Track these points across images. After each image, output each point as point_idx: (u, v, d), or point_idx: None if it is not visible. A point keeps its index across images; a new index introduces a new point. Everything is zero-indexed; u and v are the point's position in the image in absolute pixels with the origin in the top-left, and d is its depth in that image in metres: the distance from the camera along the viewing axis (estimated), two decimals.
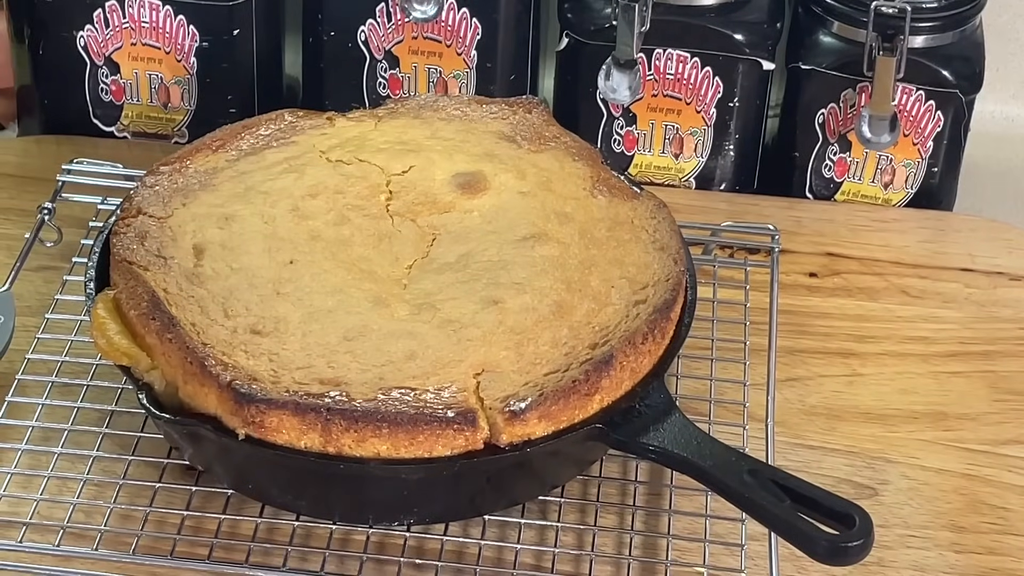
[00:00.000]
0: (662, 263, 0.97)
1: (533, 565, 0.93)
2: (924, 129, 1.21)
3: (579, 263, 0.96)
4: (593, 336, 0.92)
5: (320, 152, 1.04)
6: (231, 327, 0.92)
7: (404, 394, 0.88)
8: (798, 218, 1.22)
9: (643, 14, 1.16)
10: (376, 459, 0.87)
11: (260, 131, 1.07)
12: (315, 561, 0.92)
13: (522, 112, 1.08)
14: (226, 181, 1.02)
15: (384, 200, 1.01)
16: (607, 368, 0.90)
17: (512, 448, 0.88)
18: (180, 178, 1.02)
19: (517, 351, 0.91)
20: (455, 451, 0.87)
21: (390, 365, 0.89)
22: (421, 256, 0.97)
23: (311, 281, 0.95)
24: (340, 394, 0.88)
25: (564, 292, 0.94)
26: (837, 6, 1.19)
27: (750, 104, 1.23)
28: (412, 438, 0.87)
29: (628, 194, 1.02)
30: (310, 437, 0.87)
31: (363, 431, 0.87)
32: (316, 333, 0.91)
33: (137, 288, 0.94)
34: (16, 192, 1.21)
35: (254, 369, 0.89)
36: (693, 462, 0.88)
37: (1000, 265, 1.19)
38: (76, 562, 0.92)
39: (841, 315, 1.14)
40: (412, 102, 1.09)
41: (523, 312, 0.93)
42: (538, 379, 0.89)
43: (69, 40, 1.24)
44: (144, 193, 1.01)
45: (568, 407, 0.89)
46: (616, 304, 0.94)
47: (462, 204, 1.00)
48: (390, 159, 1.03)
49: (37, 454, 0.98)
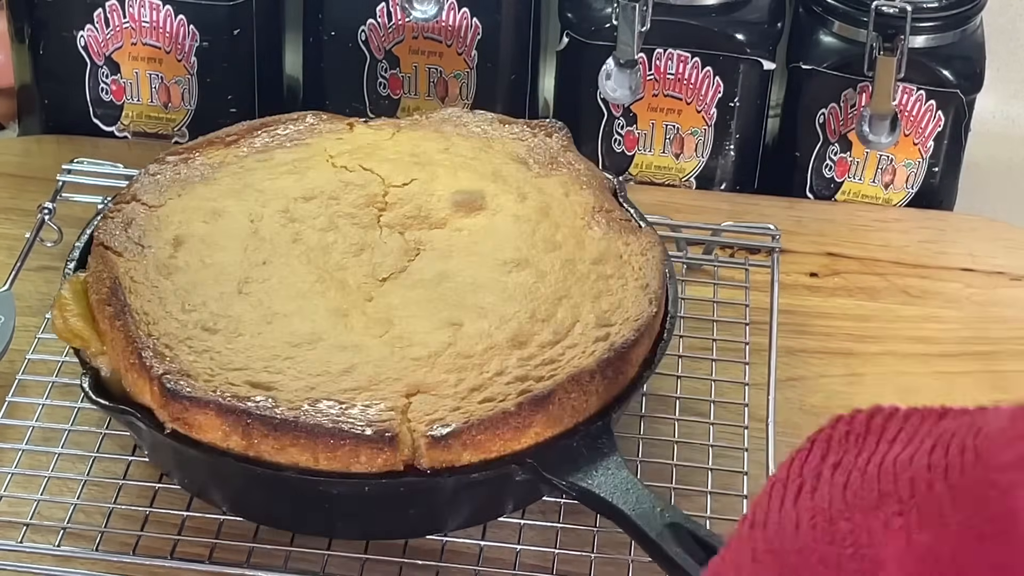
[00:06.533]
0: (637, 303, 0.94)
1: (534, 566, 0.93)
2: (925, 129, 1.21)
3: (551, 293, 0.94)
4: (541, 369, 0.90)
5: (329, 156, 1.03)
6: (183, 321, 0.91)
7: (331, 407, 0.87)
8: (798, 218, 1.22)
9: (643, 14, 1.16)
10: (293, 468, 0.86)
11: (277, 130, 1.06)
12: (316, 562, 0.92)
13: (542, 135, 1.06)
14: (227, 176, 1.02)
15: (377, 210, 0.99)
16: (544, 403, 0.88)
17: (431, 473, 0.86)
18: (184, 169, 1.02)
19: (459, 375, 0.89)
20: (374, 469, 0.86)
21: (326, 376, 0.88)
22: (399, 270, 0.96)
23: (278, 284, 0.94)
24: (266, 400, 0.87)
25: (526, 321, 0.92)
26: (838, 6, 1.19)
27: (751, 104, 1.23)
28: (331, 451, 0.86)
29: (628, 228, 1.00)
30: (233, 439, 0.87)
31: (282, 439, 0.86)
32: (264, 336, 0.91)
33: (103, 273, 0.94)
34: (16, 192, 1.21)
35: (192, 366, 0.89)
36: (616, 507, 0.85)
37: (1000, 265, 1.19)
38: (76, 562, 0.92)
39: (842, 315, 1.14)
40: (437, 115, 1.08)
41: (477, 337, 0.91)
42: (472, 406, 0.87)
43: (69, 40, 1.24)
44: (144, 181, 1.01)
45: (497, 438, 0.87)
46: (576, 339, 0.92)
47: (454, 222, 0.99)
48: (394, 170, 1.02)
49: (37, 454, 0.98)
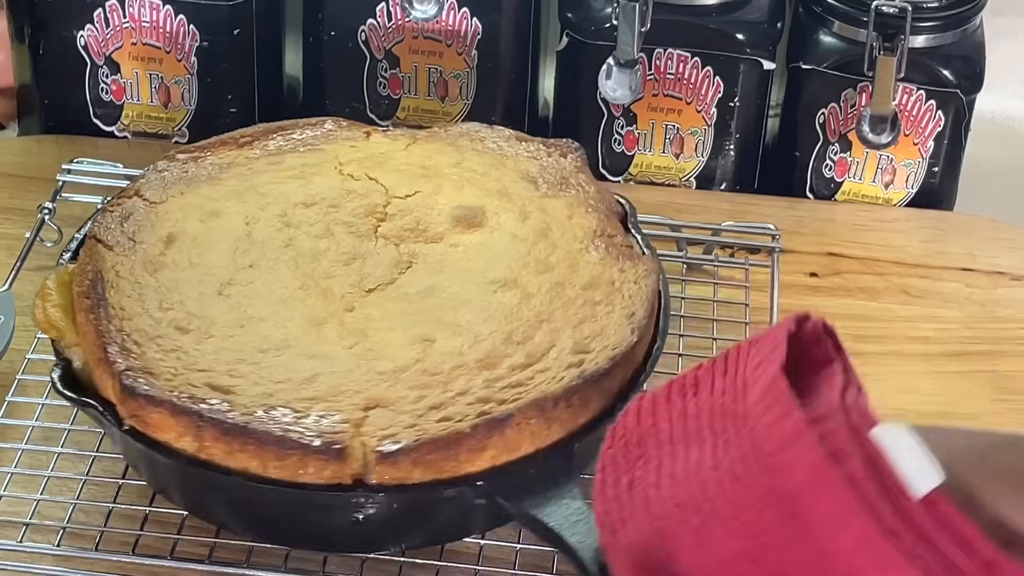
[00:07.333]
0: (619, 332, 0.92)
1: (534, 566, 0.93)
2: (925, 129, 1.21)
3: (533, 316, 0.92)
4: (506, 392, 0.88)
5: (339, 163, 1.02)
6: (158, 319, 0.91)
7: (285, 415, 0.86)
8: (799, 218, 1.22)
9: (643, 14, 1.16)
10: (242, 473, 0.86)
11: (294, 135, 1.05)
12: (316, 561, 0.92)
13: (557, 155, 1.04)
14: (233, 177, 1.01)
15: (376, 221, 0.98)
16: (501, 427, 0.86)
17: (379, 489, 0.85)
18: (192, 167, 1.02)
19: (421, 392, 0.87)
20: (321, 480, 0.85)
21: (287, 383, 0.88)
22: (388, 282, 0.95)
23: (260, 288, 0.94)
24: (221, 403, 0.86)
25: (500, 342, 0.90)
26: (838, 6, 1.19)
27: (751, 104, 1.23)
28: (279, 460, 0.85)
29: (627, 255, 0.97)
30: (186, 440, 0.87)
31: (231, 444, 0.85)
32: (235, 339, 0.90)
33: (88, 266, 0.94)
34: (16, 192, 1.21)
35: (157, 364, 0.88)
36: (563, 539, 0.84)
37: (1001, 265, 1.19)
38: (76, 562, 0.92)
39: (842, 315, 1.13)
40: (456, 128, 1.07)
41: (447, 355, 0.89)
42: (428, 424, 0.86)
43: (69, 40, 1.24)
44: (150, 177, 1.01)
45: (451, 458, 0.85)
46: (550, 364, 0.90)
47: (451, 237, 0.98)
48: (400, 181, 1.01)
49: (37, 454, 0.98)
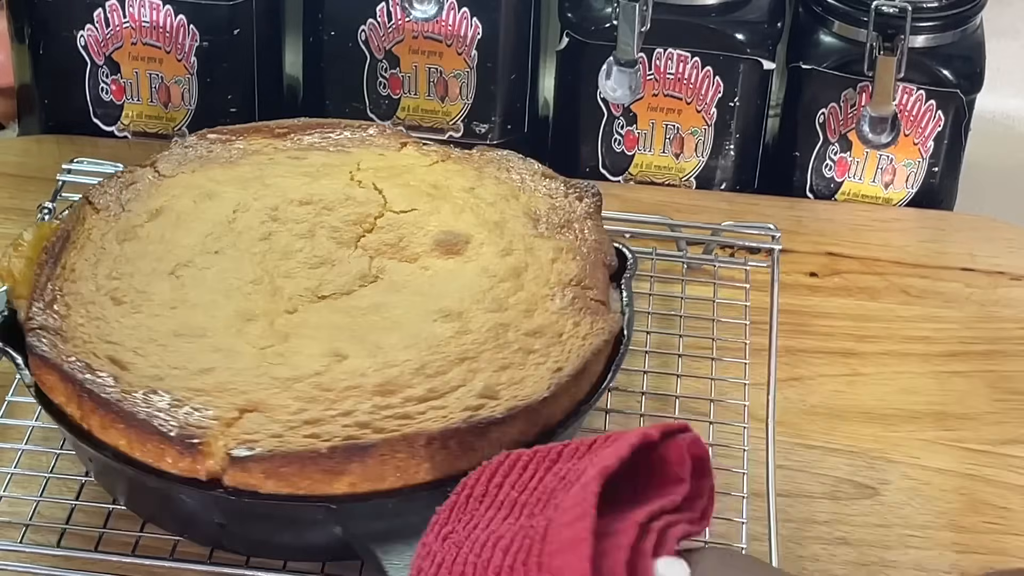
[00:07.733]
0: (536, 385, 0.89)
1: None
2: (925, 129, 1.21)
3: (459, 352, 0.90)
4: (388, 422, 0.86)
5: (356, 168, 1.02)
6: (101, 286, 0.92)
7: (161, 400, 0.86)
8: (799, 218, 1.22)
9: (643, 14, 1.16)
10: (112, 448, 0.87)
11: (331, 133, 1.06)
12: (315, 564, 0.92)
13: (573, 196, 1.02)
14: (248, 164, 1.02)
15: (363, 231, 0.98)
16: (361, 454, 0.84)
17: (226, 491, 0.85)
18: (217, 149, 1.03)
19: (304, 405, 0.86)
20: (178, 472, 0.86)
21: (181, 371, 0.88)
22: (344, 292, 0.94)
23: (212, 275, 0.94)
24: (108, 377, 0.87)
25: (409, 372, 0.88)
26: (838, 6, 1.19)
27: (751, 104, 1.23)
28: (142, 443, 0.86)
29: (593, 310, 0.94)
30: (72, 407, 0.89)
31: (104, 418, 0.87)
32: (158, 320, 0.91)
33: (65, 224, 0.95)
34: (16, 192, 1.21)
35: (75, 329, 0.90)
36: None
37: (1001, 265, 1.19)
38: (76, 562, 0.92)
39: (842, 315, 1.14)
40: (491, 154, 1.05)
41: (348, 374, 0.88)
42: (294, 438, 0.85)
43: (69, 40, 1.24)
44: (173, 151, 1.03)
45: (306, 476, 0.84)
46: (449, 403, 0.87)
47: (426, 260, 0.96)
48: (403, 196, 1.00)
49: (37, 454, 0.98)
